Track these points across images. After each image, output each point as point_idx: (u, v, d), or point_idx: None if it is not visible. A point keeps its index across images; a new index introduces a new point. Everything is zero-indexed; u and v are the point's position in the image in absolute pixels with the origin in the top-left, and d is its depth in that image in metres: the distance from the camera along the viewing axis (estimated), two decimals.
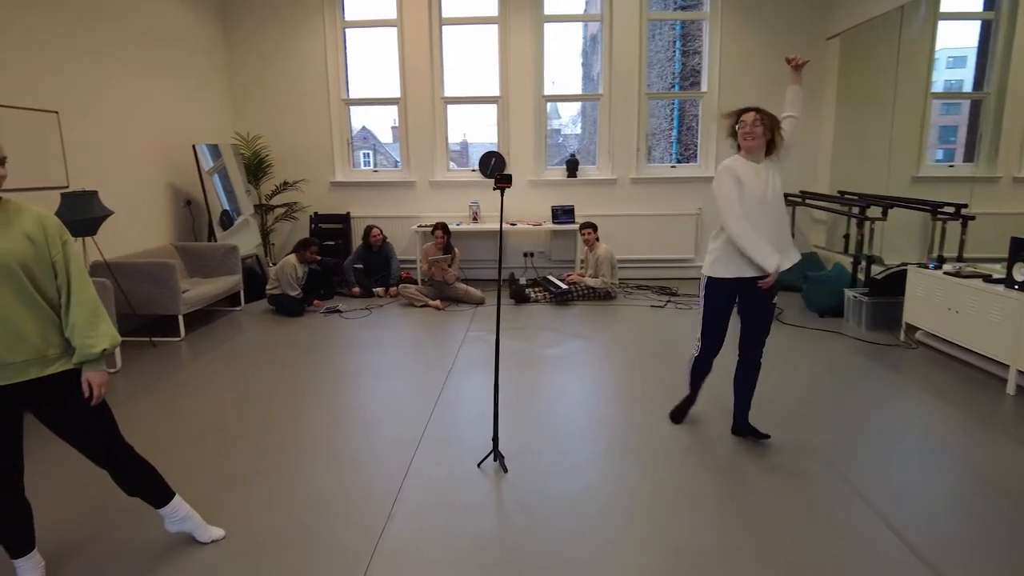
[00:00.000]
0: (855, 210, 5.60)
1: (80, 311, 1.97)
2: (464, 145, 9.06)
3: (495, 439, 3.00)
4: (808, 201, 6.76)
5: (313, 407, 3.77)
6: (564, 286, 6.42)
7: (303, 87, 7.44)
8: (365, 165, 8.05)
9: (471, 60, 7.56)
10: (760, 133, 2.93)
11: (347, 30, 7.51)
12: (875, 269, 5.43)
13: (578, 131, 11.17)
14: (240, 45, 7.40)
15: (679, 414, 3.48)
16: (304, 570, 2.25)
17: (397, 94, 7.48)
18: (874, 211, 5.42)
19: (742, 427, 3.26)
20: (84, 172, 5.04)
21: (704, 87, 7.29)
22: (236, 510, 2.64)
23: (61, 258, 1.97)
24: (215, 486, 2.84)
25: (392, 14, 7.31)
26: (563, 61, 7.42)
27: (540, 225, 7.23)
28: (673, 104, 13.19)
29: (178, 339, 5.21)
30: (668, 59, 15.09)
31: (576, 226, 6.88)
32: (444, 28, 7.36)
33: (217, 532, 2.45)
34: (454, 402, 3.82)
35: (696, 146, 7.70)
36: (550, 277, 6.76)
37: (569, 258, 7.33)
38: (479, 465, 3.00)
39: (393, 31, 7.36)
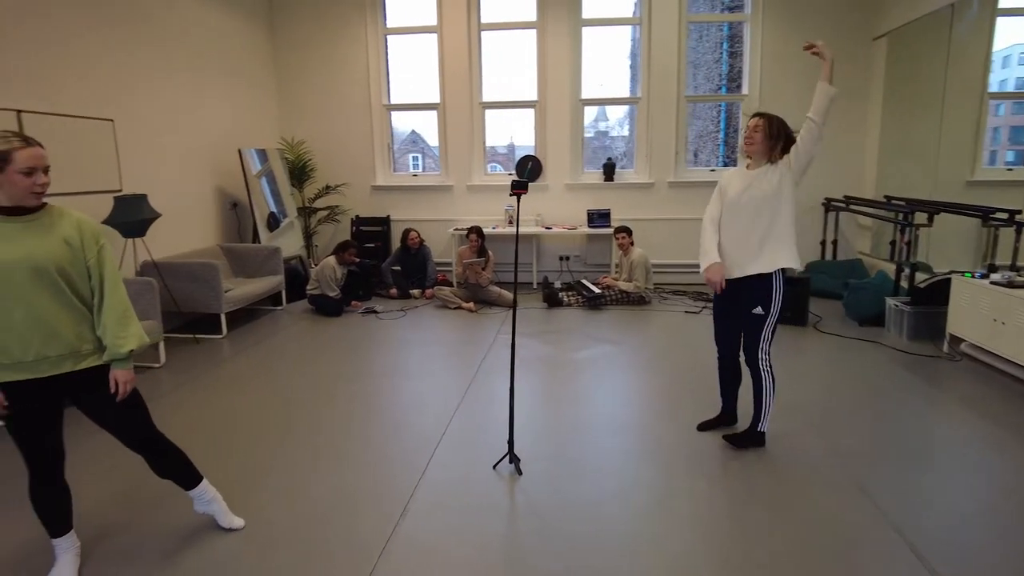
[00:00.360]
0: (898, 216, 5.41)
1: (111, 313, 2.11)
2: (511, 148, 9.13)
3: (510, 442, 3.04)
4: (852, 207, 6.56)
5: (341, 404, 3.88)
6: (597, 290, 6.41)
7: (346, 93, 7.65)
8: (414, 168, 8.19)
9: (509, 65, 7.62)
10: (759, 139, 2.97)
11: (388, 37, 7.68)
12: (919, 277, 5.24)
13: (625, 133, 11.14)
14: (286, 54, 7.66)
15: (706, 424, 3.45)
16: (316, 562, 2.34)
17: (437, 99, 7.60)
18: (920, 217, 5.24)
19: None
20: (136, 176, 5.31)
21: (745, 89, 7.16)
22: (258, 500, 2.75)
23: (95, 262, 2.11)
24: (241, 476, 2.96)
25: (432, 20, 7.44)
26: (611, 63, 7.37)
27: (575, 229, 7.23)
28: (720, 106, 13.00)
29: (220, 336, 5.43)
30: (715, 60, 14.84)
31: (611, 230, 6.85)
32: (483, 34, 7.45)
33: (238, 521, 2.58)
34: (477, 404, 3.87)
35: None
36: (584, 281, 6.75)
37: (605, 262, 7.31)
38: (495, 467, 3.04)
39: (433, 37, 7.48)
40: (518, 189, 2.86)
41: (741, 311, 3.11)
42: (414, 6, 7.59)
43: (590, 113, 7.87)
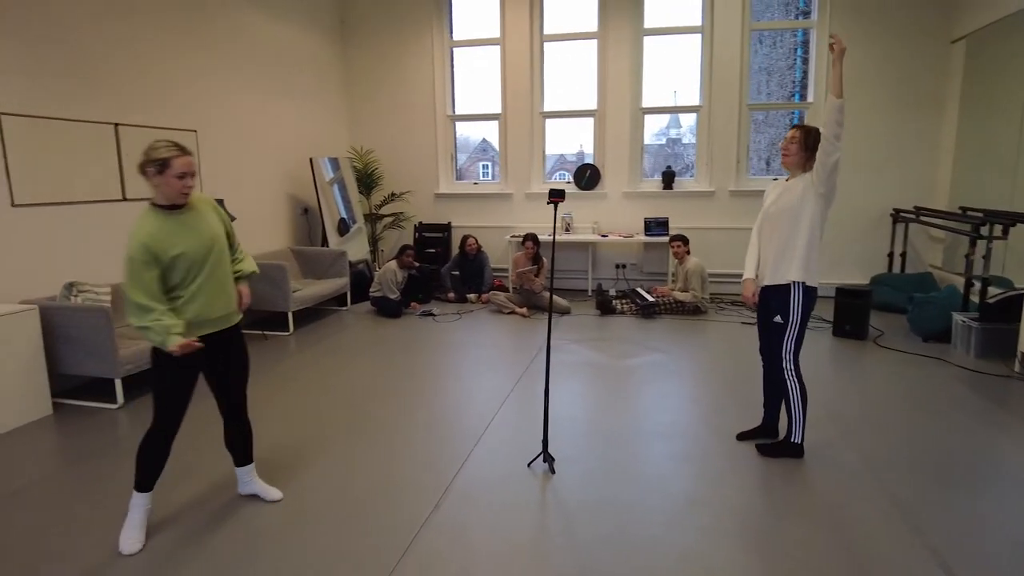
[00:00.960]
0: (971, 227, 5.17)
1: (242, 253, 2.78)
2: (580, 156, 9.23)
3: (544, 442, 3.14)
4: (923, 218, 6.29)
5: (393, 399, 4.09)
6: (651, 299, 6.41)
7: (412, 105, 7.96)
8: (484, 177, 8.44)
9: (570, 75, 7.73)
10: (794, 151, 3.03)
11: (454, 49, 7.95)
12: (992, 292, 4.99)
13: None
14: (357, 68, 8.06)
15: (746, 434, 3.44)
16: (351, 540, 2.52)
17: (498, 109, 7.80)
18: (997, 229, 4.98)
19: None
20: (217, 182, 5.76)
21: (810, 97, 7.00)
22: (304, 481, 2.97)
23: (230, 226, 2.70)
24: (294, 457, 3.20)
25: (496, 33, 7.65)
26: (677, 71, 7.36)
27: (632, 237, 7.24)
28: (794, 114, 12.66)
29: (287, 333, 5.78)
30: (789, 67, 14.48)
31: (668, 238, 6.83)
32: (545, 44, 7.60)
33: (277, 493, 2.86)
34: (520, 404, 3.99)
35: None
36: (639, 289, 6.76)
37: (662, 270, 7.29)
38: (529, 465, 3.15)
39: (496, 49, 7.69)
40: (555, 198, 2.97)
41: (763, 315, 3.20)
42: (479, 19, 7.83)
43: (663, 120, 7.88)
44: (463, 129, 8.36)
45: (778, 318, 3.07)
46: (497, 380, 4.49)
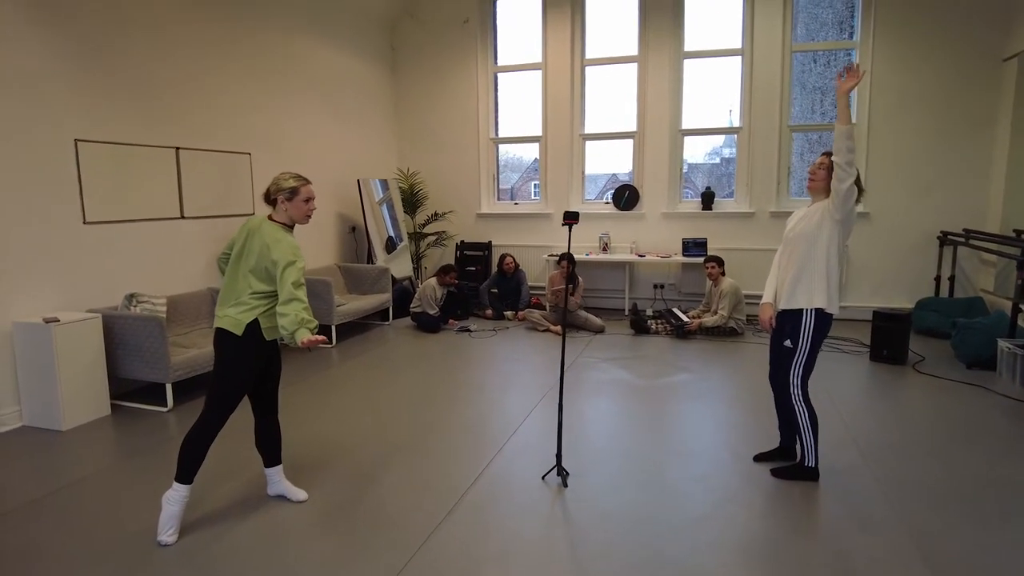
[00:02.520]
0: (1020, 251, 5.00)
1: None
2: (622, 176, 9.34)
3: (558, 455, 3.24)
4: (972, 241, 6.11)
5: (421, 409, 4.26)
6: (687, 319, 6.41)
7: (456, 127, 8.24)
8: (535, 196, 8.66)
9: (610, 97, 7.86)
10: (822, 176, 3.05)
11: (497, 74, 8.21)
12: None
13: None
14: (405, 92, 8.41)
15: (763, 455, 3.45)
16: (366, 537, 2.67)
17: (539, 132, 7.99)
18: None
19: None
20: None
21: (853, 118, 6.89)
22: (330, 483, 3.16)
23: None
24: (325, 457, 3.39)
25: (538, 58, 7.86)
26: (715, 93, 7.41)
27: (669, 257, 7.26)
28: None
29: (331, 346, 6.06)
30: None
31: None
32: (586, 69, 7.76)
33: (303, 494, 3.05)
34: (543, 419, 4.10)
35: None
36: (675, 310, 6.76)
37: (700, 291, 7.27)
38: (543, 478, 3.25)
39: (538, 74, 7.90)
40: (569, 220, 3.09)
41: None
42: (522, 45, 8.07)
43: (716, 140, 7.92)
44: (516, 150, 8.62)
45: (788, 343, 3.09)
46: (525, 395, 4.60)
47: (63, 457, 3.58)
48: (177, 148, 5.08)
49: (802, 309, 3.04)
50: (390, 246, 7.64)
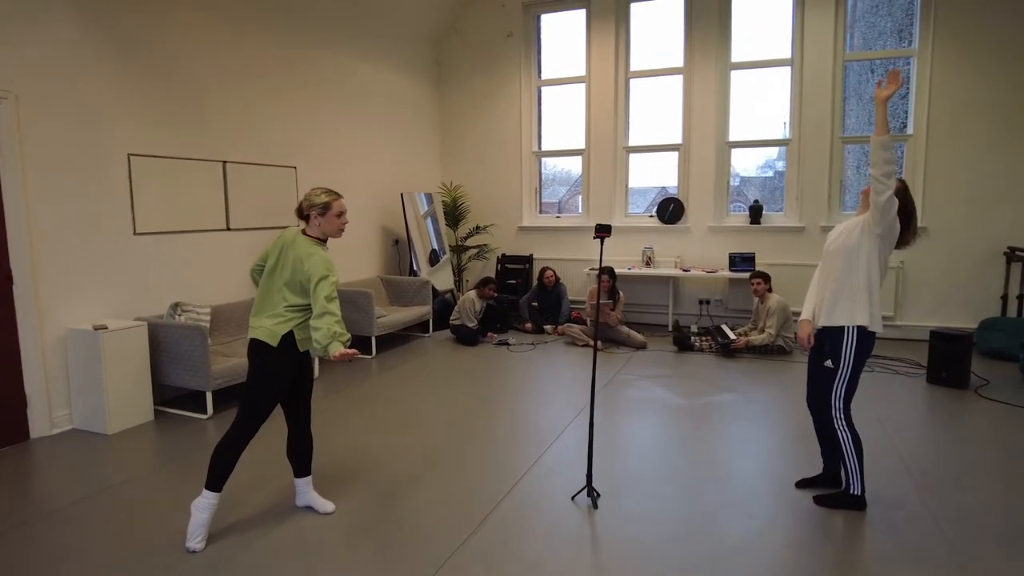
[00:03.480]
0: None
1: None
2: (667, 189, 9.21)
3: (589, 475, 3.15)
4: (1020, 253, 5.73)
5: (455, 423, 4.23)
6: (734, 336, 6.21)
7: (500, 142, 8.27)
8: (583, 210, 8.62)
9: (654, 109, 7.75)
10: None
11: (541, 88, 8.21)
12: None
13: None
14: (449, 106, 8.50)
15: (805, 481, 3.28)
16: (391, 552, 2.64)
17: (582, 145, 7.93)
18: None
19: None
20: None
21: (910, 129, 6.62)
22: (359, 496, 3.15)
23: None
24: (351, 470, 3.39)
25: (582, 71, 7.82)
26: (765, 104, 7.22)
27: (715, 272, 7.07)
28: (901, 147, 11.93)
29: (370, 356, 6.10)
30: (901, 96, 13.72)
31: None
32: (631, 81, 7.68)
33: (330, 506, 3.05)
34: (578, 436, 4.00)
35: None
36: (723, 327, 6.56)
37: (747, 307, 7.04)
38: (573, 498, 3.16)
39: (582, 87, 7.86)
40: (601, 233, 3.02)
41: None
42: (566, 58, 8.05)
43: (769, 152, 7.73)
44: (563, 163, 8.59)
45: (829, 362, 2.94)
46: (560, 410, 4.52)
47: (105, 461, 3.69)
48: (224, 162, 5.23)
49: (843, 327, 2.89)
50: (433, 259, 7.69)
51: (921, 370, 5.38)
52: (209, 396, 4.37)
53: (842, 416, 2.93)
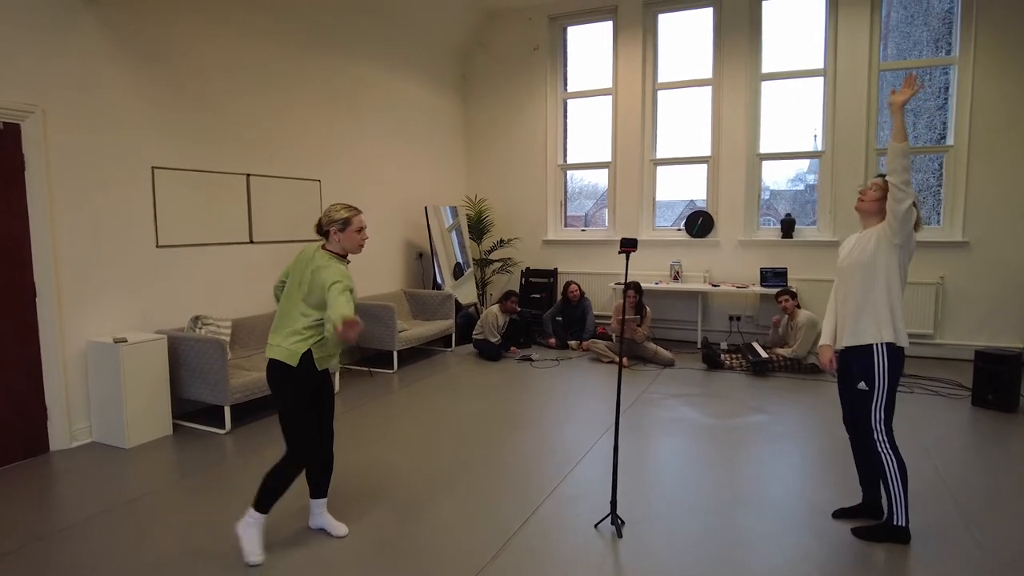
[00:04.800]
0: None
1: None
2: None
3: (613, 502, 3.00)
4: None
5: (475, 441, 4.12)
6: (765, 355, 6.00)
7: (525, 155, 8.20)
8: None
9: (683, 120, 7.61)
10: (870, 197, 2.84)
11: (567, 100, 8.13)
12: None
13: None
14: (476, 119, 8.47)
15: (843, 512, 3.09)
16: None
17: (608, 158, 7.82)
18: None
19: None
20: None
21: (950, 140, 6.37)
22: (374, 517, 3.05)
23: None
24: (368, 493, 3.29)
25: (608, 83, 7.73)
26: (796, 115, 7.05)
27: (746, 287, 6.87)
28: (941, 158, 11.60)
29: (391, 371, 6.03)
30: (938, 108, 13.34)
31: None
32: (658, 93, 7.57)
33: (344, 528, 2.96)
34: (602, 458, 3.86)
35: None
36: (755, 344, 6.35)
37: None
38: (596, 526, 3.02)
39: (608, 99, 7.76)
40: (627, 247, 2.90)
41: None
42: (593, 70, 7.97)
43: (800, 165, 7.54)
44: (590, 177, 8.49)
45: (862, 384, 2.78)
46: (584, 431, 4.38)
47: (122, 475, 3.65)
48: (248, 175, 5.23)
49: (870, 345, 2.74)
50: (458, 272, 7.63)
51: (965, 392, 5.11)
52: (227, 410, 4.33)
53: (885, 438, 2.75)
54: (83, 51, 4.05)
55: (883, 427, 2.75)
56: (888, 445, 2.75)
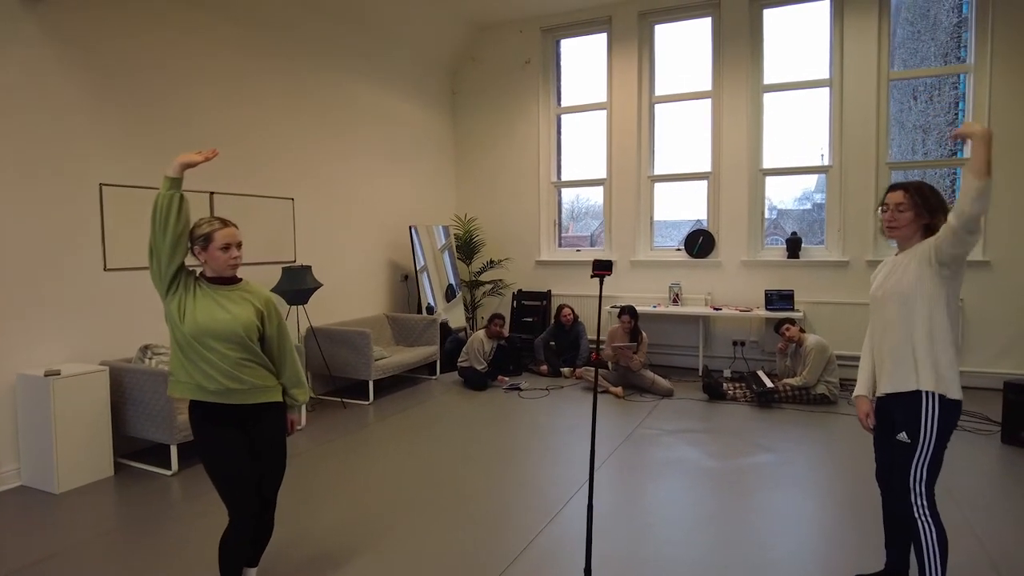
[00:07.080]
0: None
1: (288, 376, 2.50)
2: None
3: (587, 571, 2.54)
4: None
5: (450, 483, 3.71)
6: (771, 384, 5.56)
7: (517, 172, 7.84)
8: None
9: (681, 135, 7.25)
10: (906, 220, 2.32)
11: (561, 116, 7.79)
12: None
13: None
14: (465, 136, 8.13)
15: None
16: None
17: (603, 175, 7.45)
18: None
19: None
20: (312, 249, 5.83)
21: (966, 152, 5.97)
22: (341, 560, 2.62)
23: (276, 334, 2.46)
24: (329, 545, 2.86)
25: (603, 97, 7.39)
26: (802, 129, 6.68)
27: (750, 311, 6.44)
28: (955, 172, 11.21)
29: (367, 403, 5.61)
30: (949, 123, 12.98)
31: (795, 313, 6.03)
32: (655, 106, 7.22)
33: None
34: (583, 508, 3.40)
35: None
36: (760, 373, 5.89)
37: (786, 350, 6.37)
38: None
39: (603, 114, 7.42)
40: (600, 270, 2.48)
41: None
42: (586, 84, 7.64)
43: (807, 183, 7.16)
44: (590, 194, 8.14)
45: (903, 435, 2.31)
46: (570, 471, 3.94)
47: (51, 523, 3.25)
48: (211, 192, 4.87)
49: (917, 391, 2.26)
50: (450, 294, 7.24)
51: (994, 427, 4.65)
52: (174, 449, 3.91)
53: (924, 503, 2.27)
54: (23, 61, 3.72)
55: (923, 488, 2.28)
56: (927, 511, 2.27)
